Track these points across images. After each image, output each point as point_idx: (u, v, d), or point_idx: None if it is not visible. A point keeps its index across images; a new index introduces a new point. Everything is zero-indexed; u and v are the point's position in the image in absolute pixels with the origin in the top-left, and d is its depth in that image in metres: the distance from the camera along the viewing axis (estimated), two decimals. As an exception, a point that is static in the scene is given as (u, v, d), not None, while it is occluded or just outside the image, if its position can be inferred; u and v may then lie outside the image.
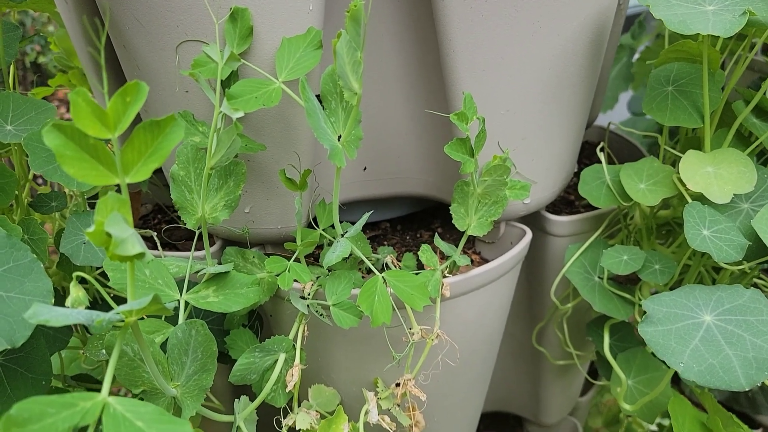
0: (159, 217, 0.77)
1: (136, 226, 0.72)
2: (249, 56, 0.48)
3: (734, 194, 0.52)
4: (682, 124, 0.54)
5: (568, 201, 0.74)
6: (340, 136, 0.47)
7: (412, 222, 0.75)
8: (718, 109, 0.56)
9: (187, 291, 0.50)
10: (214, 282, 0.51)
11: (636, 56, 1.24)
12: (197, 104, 0.51)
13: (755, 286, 0.63)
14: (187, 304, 0.49)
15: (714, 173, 0.53)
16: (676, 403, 0.58)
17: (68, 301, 0.38)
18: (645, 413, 0.63)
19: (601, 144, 0.67)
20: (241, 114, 0.44)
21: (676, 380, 1.09)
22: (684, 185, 0.53)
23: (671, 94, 0.55)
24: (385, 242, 0.71)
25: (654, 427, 1.00)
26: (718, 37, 0.57)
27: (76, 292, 0.39)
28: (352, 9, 0.42)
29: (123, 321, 0.34)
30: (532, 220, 0.67)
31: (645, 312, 0.47)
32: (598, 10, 0.55)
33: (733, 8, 0.47)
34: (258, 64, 0.48)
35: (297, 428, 0.55)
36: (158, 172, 0.75)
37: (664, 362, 0.44)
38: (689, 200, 0.53)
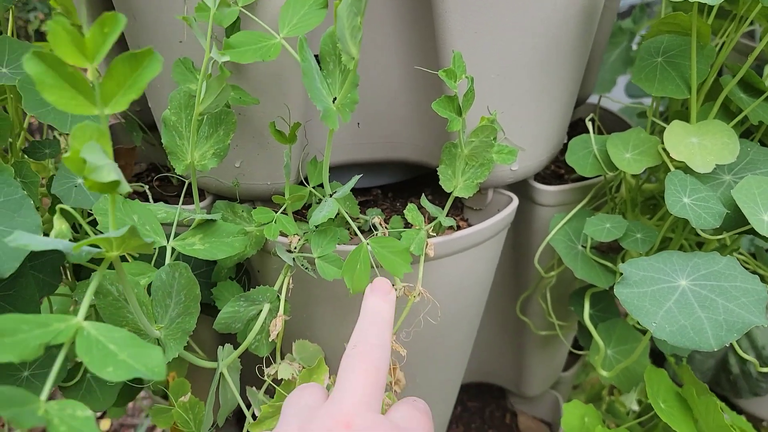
0: (153, 175, 0.77)
1: (129, 182, 0.73)
2: (254, 10, 0.49)
3: (717, 165, 0.53)
4: (669, 94, 0.55)
5: (558, 175, 0.75)
6: (335, 99, 0.48)
7: (403, 189, 0.76)
8: (706, 82, 0.57)
9: (174, 238, 0.51)
10: (200, 230, 0.52)
11: (637, 40, 1.24)
12: (195, 54, 0.52)
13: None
14: (173, 250, 0.51)
15: (698, 144, 0.54)
16: (652, 372, 0.60)
17: (52, 234, 0.39)
18: (622, 381, 0.65)
19: (591, 115, 0.67)
20: (226, 58, 0.44)
21: (660, 363, 1.11)
22: (668, 155, 0.54)
23: (660, 65, 0.56)
24: (376, 207, 0.72)
25: (635, 406, 1.02)
26: (710, 12, 0.58)
27: (59, 224, 0.40)
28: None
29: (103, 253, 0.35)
30: (521, 189, 0.68)
31: (622, 274, 0.48)
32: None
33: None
34: (261, 19, 0.49)
35: (279, 378, 0.57)
36: (154, 130, 0.75)
37: (638, 322, 0.45)
38: (672, 170, 0.53)
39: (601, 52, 0.78)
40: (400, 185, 0.76)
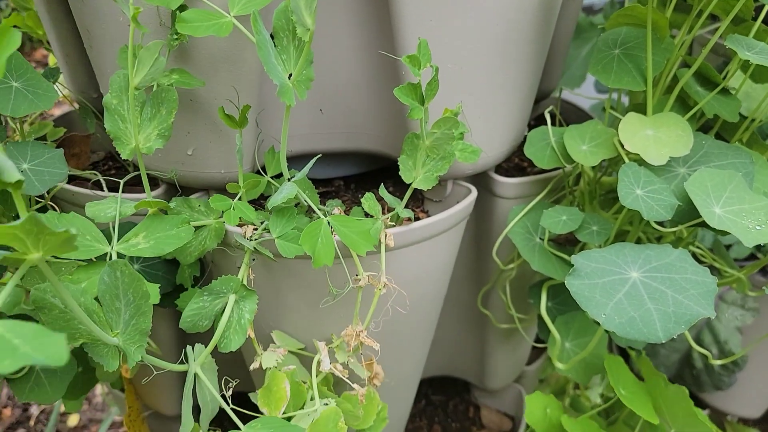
0: (110, 164, 0.76)
1: (85, 170, 0.72)
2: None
3: (671, 157, 0.53)
4: (625, 86, 0.55)
5: (521, 168, 0.75)
6: (290, 75, 0.47)
7: (366, 181, 0.75)
8: (663, 75, 0.57)
9: (119, 240, 0.49)
10: (143, 228, 0.50)
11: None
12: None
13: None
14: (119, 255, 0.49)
15: (653, 136, 0.54)
16: (612, 360, 0.60)
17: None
18: (579, 374, 0.65)
19: (550, 107, 0.67)
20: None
21: (627, 357, 1.12)
22: (623, 147, 0.53)
23: (617, 56, 0.56)
24: (337, 198, 0.71)
25: (599, 400, 1.03)
26: (669, 4, 0.58)
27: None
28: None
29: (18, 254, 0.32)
30: (481, 181, 0.68)
31: (573, 266, 0.48)
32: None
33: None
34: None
35: (264, 368, 0.55)
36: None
37: (587, 313, 0.45)
38: (627, 161, 0.53)
39: (565, 45, 0.78)
40: (362, 176, 0.75)
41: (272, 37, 0.46)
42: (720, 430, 0.60)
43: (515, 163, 0.76)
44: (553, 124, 0.72)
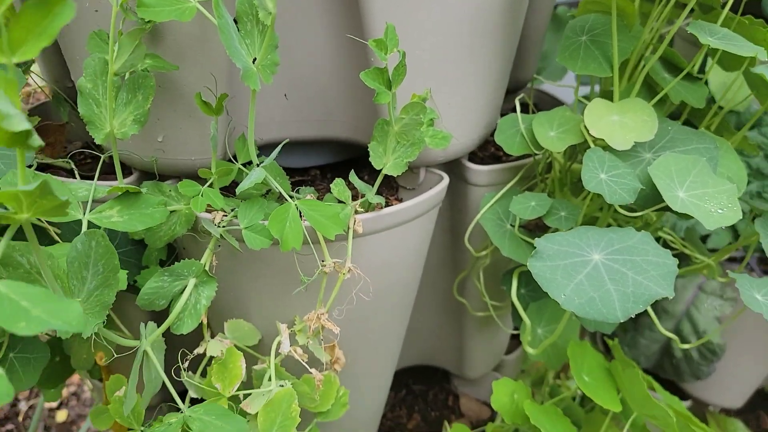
0: (86, 154, 0.76)
1: (59, 157, 0.72)
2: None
3: (637, 143, 0.54)
4: (592, 72, 0.55)
5: (496, 156, 0.76)
6: (255, 60, 0.47)
7: (343, 170, 0.75)
8: (630, 61, 0.57)
9: (92, 211, 0.50)
10: (119, 202, 0.51)
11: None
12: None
13: (659, 241, 0.65)
14: (90, 224, 0.49)
15: (619, 122, 0.54)
16: (576, 346, 0.60)
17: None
18: (550, 359, 0.65)
19: (521, 95, 0.67)
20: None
21: (607, 350, 1.13)
22: (589, 133, 0.54)
23: (584, 43, 0.56)
24: (312, 186, 0.71)
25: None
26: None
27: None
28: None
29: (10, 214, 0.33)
30: (455, 169, 0.68)
31: (536, 248, 0.49)
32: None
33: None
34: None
35: (209, 355, 0.56)
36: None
37: (547, 294, 0.46)
38: (592, 146, 0.54)
39: (539, 35, 0.79)
40: (339, 165, 0.76)
41: (236, 22, 0.46)
42: (694, 417, 0.60)
43: (491, 152, 0.76)
44: (526, 111, 0.73)
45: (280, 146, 0.52)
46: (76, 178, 0.61)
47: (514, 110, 0.85)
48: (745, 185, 0.55)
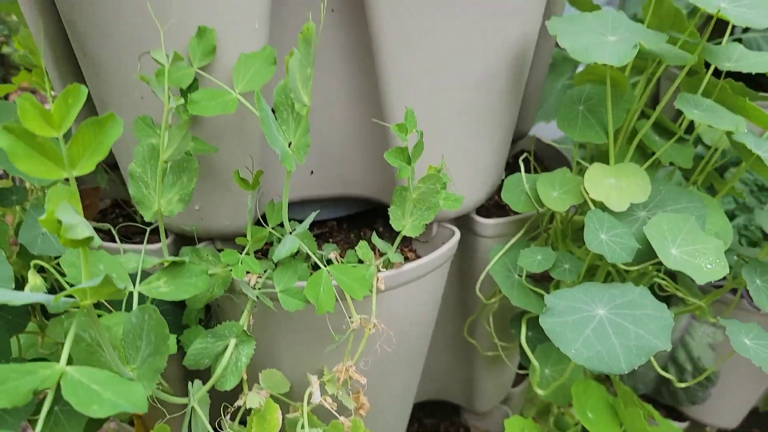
0: (117, 212, 0.81)
1: (94, 220, 0.77)
2: (208, 70, 0.53)
3: (632, 203, 0.59)
4: (589, 140, 0.61)
5: (500, 205, 0.81)
6: (290, 143, 0.53)
7: (357, 221, 0.80)
8: (623, 127, 0.63)
9: (141, 282, 0.55)
10: (165, 273, 0.56)
11: (580, 68, 1.32)
12: (155, 109, 0.56)
13: (654, 285, 0.70)
14: (140, 294, 0.54)
15: (615, 184, 0.60)
16: (580, 385, 0.66)
17: (27, 287, 0.43)
18: (558, 398, 0.70)
19: (524, 154, 0.73)
20: (181, 102, 0.49)
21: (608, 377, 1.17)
22: (589, 195, 0.59)
23: (582, 112, 0.62)
24: (331, 239, 0.76)
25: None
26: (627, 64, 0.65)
27: (33, 279, 0.43)
28: (305, 31, 0.47)
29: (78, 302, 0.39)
30: (464, 222, 0.74)
31: (546, 305, 0.54)
32: (521, 34, 0.61)
33: (630, 39, 0.54)
34: (216, 77, 0.53)
35: (247, 407, 0.60)
36: (115, 169, 0.79)
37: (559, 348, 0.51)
38: (592, 208, 0.60)
39: (538, 90, 0.85)
40: (353, 216, 0.81)
41: (273, 111, 0.52)
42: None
43: (495, 201, 0.82)
44: (527, 165, 0.78)
45: (311, 217, 0.57)
46: (116, 242, 0.66)
47: (515, 157, 0.90)
48: (730, 239, 0.61)
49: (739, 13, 0.51)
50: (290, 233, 0.58)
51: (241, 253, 0.59)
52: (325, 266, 0.56)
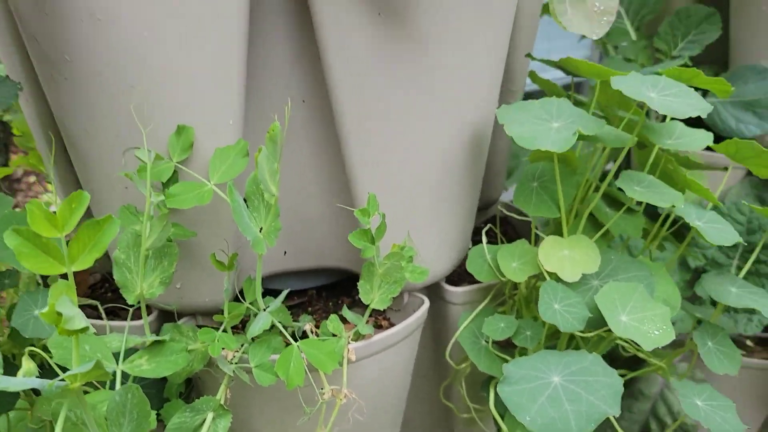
0: (106, 286, 0.85)
1: (84, 295, 0.80)
2: (186, 163, 0.58)
3: (584, 273, 0.63)
4: (543, 214, 0.65)
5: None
6: (261, 228, 0.57)
7: (336, 290, 0.84)
8: (576, 200, 0.68)
9: (124, 360, 0.58)
10: (147, 351, 0.59)
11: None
12: (139, 198, 0.61)
13: (616, 347, 0.74)
14: (123, 373, 0.58)
15: (569, 256, 0.64)
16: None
17: (20, 372, 0.47)
18: (529, 460, 0.73)
19: (488, 225, 0.78)
20: (161, 198, 0.53)
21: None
22: (543, 266, 0.64)
23: (536, 189, 0.67)
24: (310, 308, 0.80)
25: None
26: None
27: (27, 364, 0.47)
28: (271, 131, 0.53)
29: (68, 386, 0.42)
30: (435, 289, 0.78)
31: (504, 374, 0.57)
32: (476, 117, 0.67)
33: (571, 126, 0.59)
34: (193, 170, 0.58)
35: None
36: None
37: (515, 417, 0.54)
38: (547, 278, 0.64)
39: (504, 157, 0.90)
40: (333, 285, 0.85)
41: (245, 199, 0.57)
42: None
43: (464, 268, 0.86)
44: (493, 236, 0.83)
45: (282, 295, 0.61)
46: (102, 318, 0.70)
47: (486, 222, 0.95)
48: (679, 304, 0.64)
49: (665, 103, 0.56)
50: (264, 310, 0.62)
51: (218, 329, 0.63)
52: (296, 341, 0.60)
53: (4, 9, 0.62)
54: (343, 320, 0.67)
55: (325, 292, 0.84)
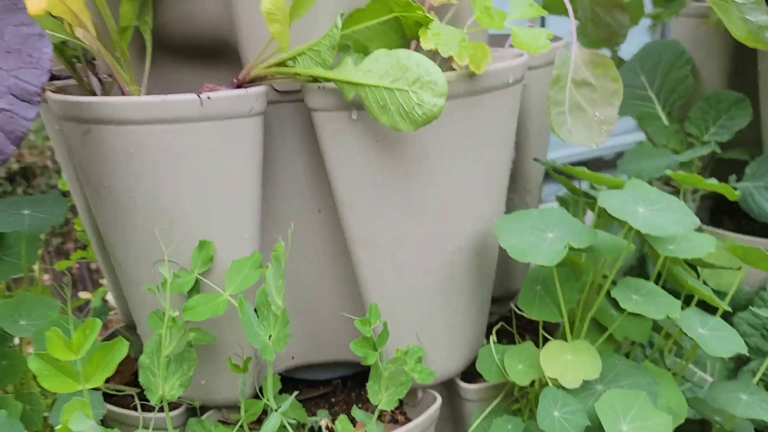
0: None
1: (128, 383, 0.87)
2: (207, 274, 0.65)
3: (585, 380, 0.64)
4: (546, 318, 0.67)
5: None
6: (270, 336, 0.62)
7: (360, 379, 0.88)
8: (579, 306, 0.69)
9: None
10: (172, 449, 0.64)
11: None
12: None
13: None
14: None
15: (572, 361, 0.65)
16: None
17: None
18: None
19: (500, 324, 0.80)
20: (177, 314, 0.59)
21: None
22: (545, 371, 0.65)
23: (539, 292, 0.69)
24: (333, 398, 0.84)
25: None
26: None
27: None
28: (275, 252, 0.58)
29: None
30: (450, 385, 0.80)
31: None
32: (480, 227, 0.70)
33: (564, 237, 0.62)
34: (212, 281, 0.64)
35: None
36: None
37: None
38: (549, 383, 0.65)
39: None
40: (356, 374, 0.88)
41: (256, 309, 0.62)
42: None
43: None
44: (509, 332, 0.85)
45: (291, 398, 0.65)
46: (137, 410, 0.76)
47: (502, 319, 0.96)
48: (685, 412, 0.64)
49: (651, 219, 0.58)
50: (276, 410, 0.66)
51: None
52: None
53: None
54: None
55: (351, 381, 0.88)
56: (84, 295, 1.25)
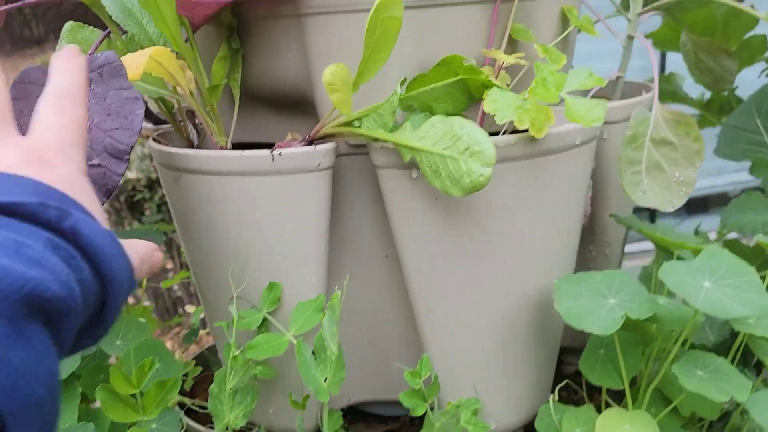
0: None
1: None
2: (274, 314, 0.69)
3: (644, 454, 0.62)
4: (606, 385, 0.65)
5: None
6: (326, 378, 0.66)
7: (426, 418, 0.89)
8: (644, 373, 0.67)
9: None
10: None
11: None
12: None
13: None
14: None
15: (629, 431, 0.63)
16: None
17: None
18: None
19: (565, 381, 0.78)
20: (237, 352, 0.64)
21: None
22: (602, 439, 0.63)
23: (602, 356, 0.67)
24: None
25: None
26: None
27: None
28: (331, 302, 0.62)
29: None
30: (511, 438, 0.79)
31: None
32: (546, 280, 0.70)
33: (626, 305, 0.60)
34: (278, 321, 0.69)
35: None
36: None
37: None
38: (604, 453, 0.63)
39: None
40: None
41: (313, 353, 0.65)
42: None
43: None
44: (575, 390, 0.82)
45: (345, 438, 0.68)
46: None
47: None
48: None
49: (716, 297, 0.55)
50: (331, 450, 0.69)
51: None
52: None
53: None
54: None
55: (418, 420, 0.89)
56: (190, 308, 1.35)
